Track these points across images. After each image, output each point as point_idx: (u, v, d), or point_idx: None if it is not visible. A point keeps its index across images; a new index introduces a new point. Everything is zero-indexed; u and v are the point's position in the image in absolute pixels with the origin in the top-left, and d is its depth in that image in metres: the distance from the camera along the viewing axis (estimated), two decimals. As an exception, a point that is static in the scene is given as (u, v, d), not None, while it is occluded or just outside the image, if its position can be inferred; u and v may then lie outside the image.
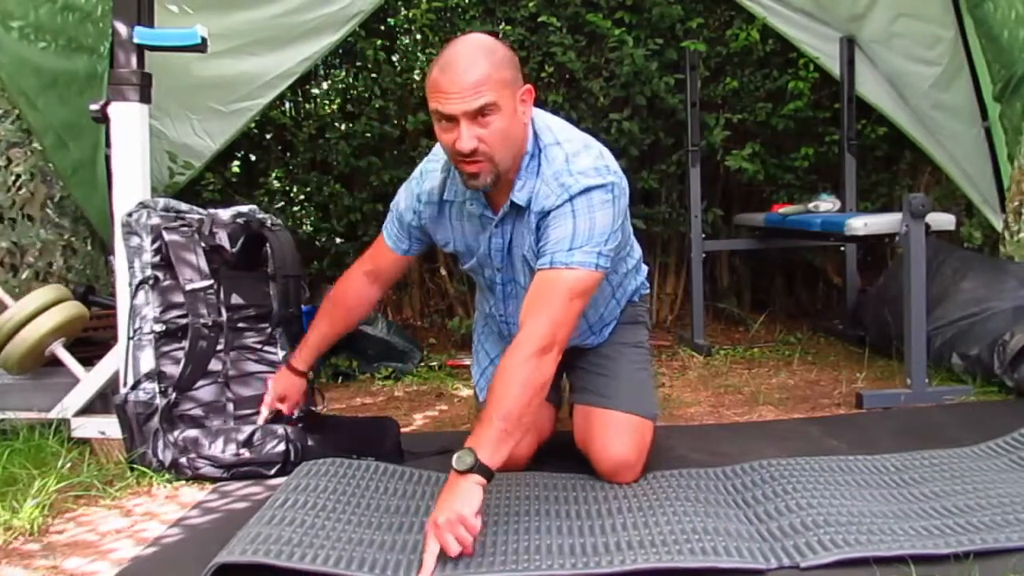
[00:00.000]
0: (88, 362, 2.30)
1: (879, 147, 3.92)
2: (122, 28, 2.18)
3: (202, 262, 2.15)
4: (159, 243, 2.13)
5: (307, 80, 3.83)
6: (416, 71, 3.86)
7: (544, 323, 1.61)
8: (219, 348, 2.15)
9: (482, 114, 1.60)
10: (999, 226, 3.25)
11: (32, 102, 2.51)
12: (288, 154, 3.89)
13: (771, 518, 1.63)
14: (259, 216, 2.32)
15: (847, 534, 1.50)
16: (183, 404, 2.11)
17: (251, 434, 2.06)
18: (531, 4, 3.72)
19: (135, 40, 2.17)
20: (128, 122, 2.19)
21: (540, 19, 3.62)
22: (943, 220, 2.88)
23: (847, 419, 2.48)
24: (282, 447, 2.05)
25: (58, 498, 1.89)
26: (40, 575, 1.56)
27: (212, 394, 2.14)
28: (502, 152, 1.65)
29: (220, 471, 2.02)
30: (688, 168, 3.55)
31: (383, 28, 3.85)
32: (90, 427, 2.19)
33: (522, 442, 1.83)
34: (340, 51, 3.81)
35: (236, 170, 3.88)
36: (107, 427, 2.16)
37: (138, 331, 2.11)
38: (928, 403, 2.56)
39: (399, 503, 1.76)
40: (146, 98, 2.22)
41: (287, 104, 3.90)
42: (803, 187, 3.89)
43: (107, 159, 2.65)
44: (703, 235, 3.57)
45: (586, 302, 1.71)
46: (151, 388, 2.08)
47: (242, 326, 2.22)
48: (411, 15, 3.75)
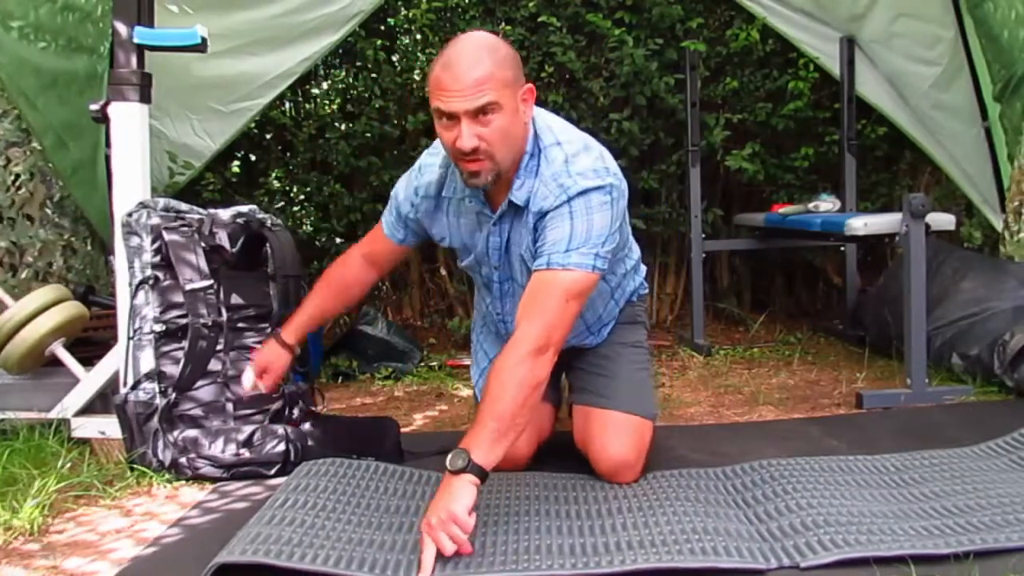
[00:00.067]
0: (88, 362, 2.30)
1: (879, 147, 3.92)
2: (122, 28, 2.18)
3: (202, 262, 2.15)
4: (159, 243, 2.13)
5: (307, 80, 3.83)
6: (416, 71, 3.86)
7: (540, 324, 1.61)
8: (219, 348, 2.15)
9: (483, 113, 1.60)
10: (999, 226, 3.25)
11: (32, 102, 2.52)
12: (288, 154, 3.89)
13: (771, 518, 1.63)
14: (259, 216, 2.32)
15: (847, 534, 1.50)
16: (183, 404, 2.11)
17: (251, 434, 2.06)
18: (531, 4, 3.72)
19: (135, 40, 2.17)
20: (128, 122, 2.19)
21: (540, 19, 3.62)
22: (943, 220, 2.88)
23: (847, 419, 2.48)
24: (282, 447, 2.05)
25: (58, 498, 1.89)
26: (40, 575, 1.56)
27: (212, 394, 2.14)
28: (503, 151, 1.65)
29: (220, 471, 2.02)
30: (688, 168, 3.55)
31: (383, 28, 3.86)
32: (90, 427, 2.19)
33: (522, 442, 1.83)
34: (340, 51, 3.81)
35: (236, 170, 3.88)
36: (107, 427, 2.16)
37: (138, 331, 2.11)
38: (928, 403, 2.56)
39: (399, 503, 1.76)
40: (146, 98, 2.22)
41: (287, 104, 3.90)
42: (803, 187, 3.89)
43: (107, 159, 2.65)
44: (703, 235, 3.57)
45: (583, 303, 1.70)
46: (151, 388, 2.08)
47: (242, 326, 2.21)
48: (411, 15, 3.75)
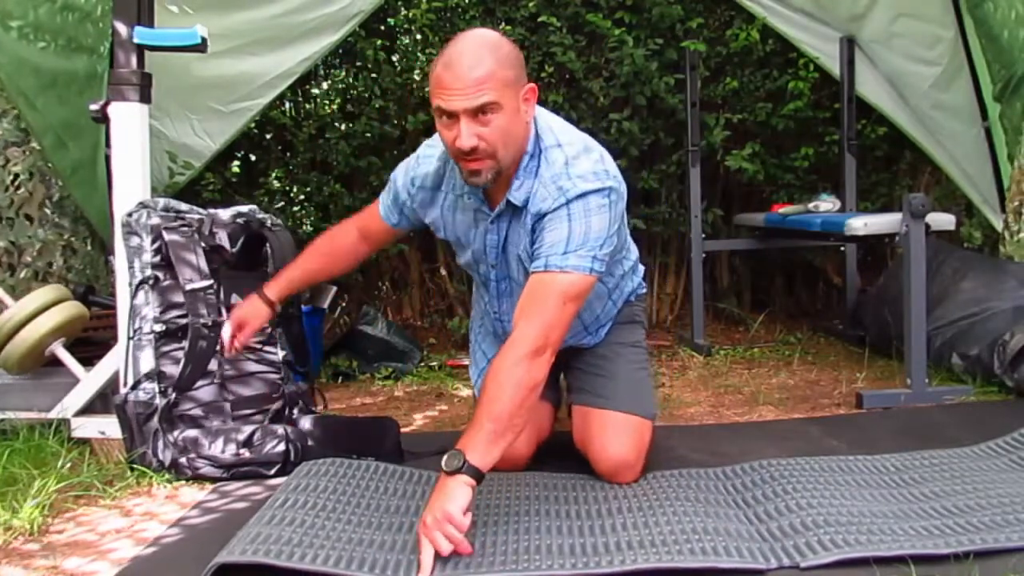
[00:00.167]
0: (88, 362, 2.30)
1: (879, 147, 3.92)
2: (122, 28, 2.18)
3: (202, 262, 2.15)
4: (159, 243, 2.13)
5: (307, 80, 3.83)
6: (416, 71, 3.86)
7: (537, 325, 1.60)
8: (219, 348, 2.15)
9: (483, 112, 1.59)
10: (999, 226, 3.25)
11: (31, 102, 2.51)
12: (288, 154, 3.89)
13: (771, 518, 1.63)
14: (259, 216, 2.32)
15: (847, 534, 1.50)
16: (183, 404, 2.11)
17: (251, 434, 2.06)
18: (531, 4, 3.72)
19: (135, 40, 2.17)
20: (128, 122, 2.19)
21: (540, 19, 3.62)
22: (943, 220, 2.88)
23: (847, 419, 2.48)
24: (282, 447, 2.05)
25: (58, 498, 1.89)
26: (40, 575, 1.56)
27: (211, 394, 2.14)
28: (503, 150, 1.64)
29: (220, 471, 2.02)
30: (688, 168, 3.55)
31: (383, 28, 3.85)
32: (90, 427, 2.19)
33: (521, 442, 1.83)
34: (340, 51, 3.81)
35: (236, 170, 3.88)
36: (107, 427, 2.16)
37: (138, 331, 2.11)
38: (928, 403, 2.56)
39: (399, 503, 1.76)
40: (146, 98, 2.22)
41: (287, 104, 3.90)
42: (803, 187, 3.89)
43: (107, 159, 2.64)
44: (703, 235, 3.57)
45: (580, 305, 1.70)
46: (151, 388, 2.08)
47: (242, 326, 2.21)
48: (411, 15, 3.75)
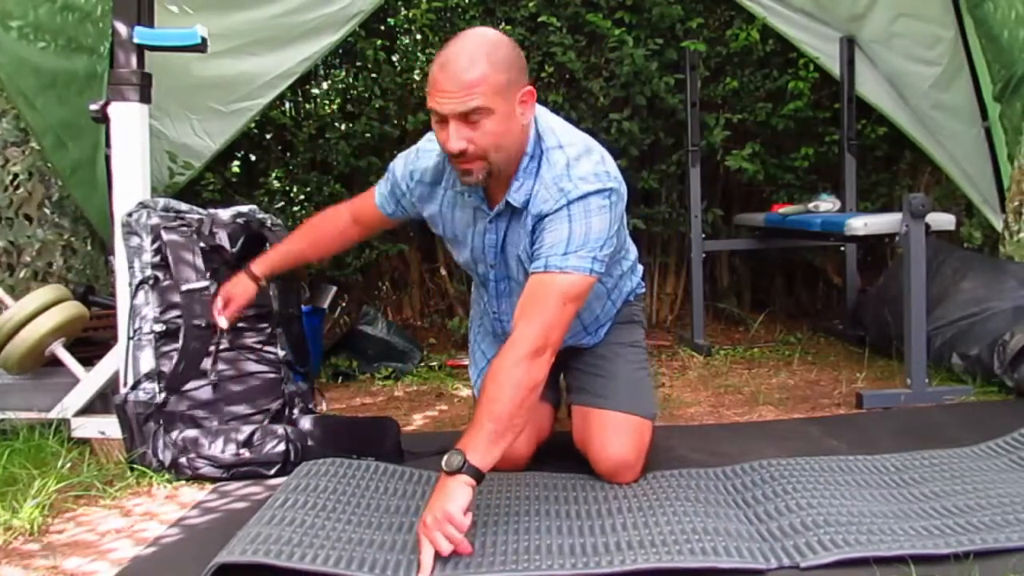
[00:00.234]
0: (88, 362, 2.30)
1: (879, 147, 3.92)
2: (122, 28, 2.18)
3: (199, 261, 2.15)
4: (159, 243, 2.13)
5: (307, 80, 3.83)
6: (416, 71, 3.86)
7: (537, 326, 1.60)
8: (221, 348, 2.15)
9: (472, 116, 1.59)
10: (999, 226, 3.25)
11: (31, 102, 2.51)
12: (288, 154, 3.89)
13: (771, 518, 1.63)
14: (259, 216, 2.32)
15: (847, 534, 1.50)
16: (182, 404, 2.11)
17: (251, 434, 2.06)
18: (531, 4, 3.72)
19: (135, 40, 2.17)
20: (128, 122, 2.19)
21: (540, 19, 3.62)
22: (943, 220, 2.88)
23: (847, 419, 2.48)
24: (282, 447, 2.05)
25: (58, 498, 1.89)
26: (40, 575, 1.56)
27: (211, 394, 2.14)
28: (494, 153, 1.64)
29: (220, 471, 2.02)
30: (688, 168, 3.55)
31: (383, 28, 3.85)
32: (90, 427, 2.19)
33: (521, 442, 1.83)
34: (340, 51, 3.81)
35: (236, 170, 3.88)
36: (107, 427, 2.16)
37: (138, 331, 2.11)
38: (928, 403, 2.56)
39: (399, 503, 1.76)
40: (146, 98, 2.22)
41: (287, 104, 3.90)
42: (803, 187, 3.89)
43: (107, 159, 2.64)
44: (703, 235, 3.57)
45: (579, 306, 1.70)
46: (151, 388, 2.08)
47: (242, 326, 2.21)
48: (411, 15, 3.75)
